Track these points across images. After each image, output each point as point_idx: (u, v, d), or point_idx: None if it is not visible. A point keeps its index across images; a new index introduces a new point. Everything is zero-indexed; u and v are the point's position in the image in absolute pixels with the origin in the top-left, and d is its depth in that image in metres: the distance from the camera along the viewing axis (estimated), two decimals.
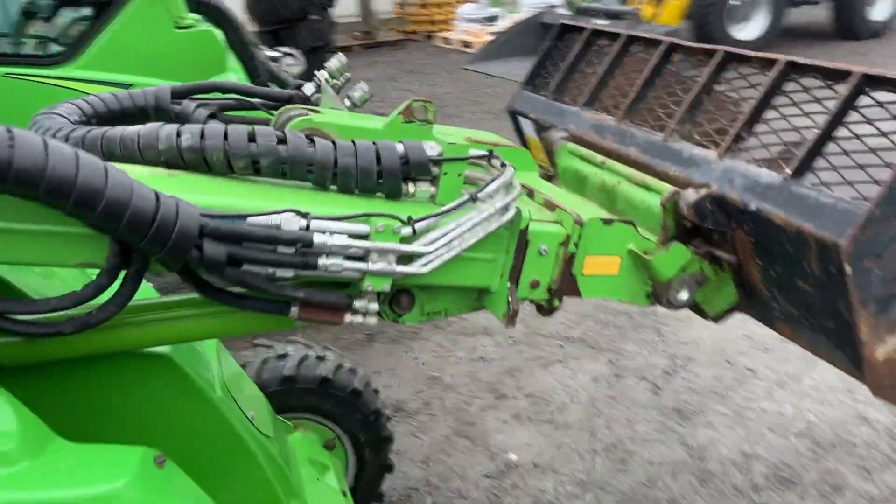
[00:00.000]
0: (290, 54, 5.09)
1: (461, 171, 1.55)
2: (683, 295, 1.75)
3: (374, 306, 1.47)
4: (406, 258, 1.45)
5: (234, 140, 1.42)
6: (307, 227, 1.35)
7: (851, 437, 3.12)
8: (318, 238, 1.34)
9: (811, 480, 2.90)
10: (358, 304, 1.45)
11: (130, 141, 1.44)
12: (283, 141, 1.45)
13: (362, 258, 1.40)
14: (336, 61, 2.29)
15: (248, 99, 2.00)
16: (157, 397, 1.63)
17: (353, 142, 1.52)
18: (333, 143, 1.50)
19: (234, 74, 3.89)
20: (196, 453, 1.71)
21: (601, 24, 10.61)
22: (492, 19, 13.79)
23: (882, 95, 1.59)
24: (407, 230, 1.43)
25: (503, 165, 1.57)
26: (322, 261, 1.35)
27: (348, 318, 1.46)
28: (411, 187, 1.53)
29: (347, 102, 2.65)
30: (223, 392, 1.75)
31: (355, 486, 2.52)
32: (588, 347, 3.92)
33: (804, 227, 1.51)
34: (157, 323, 1.46)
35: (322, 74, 2.39)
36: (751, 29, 10.98)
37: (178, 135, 1.42)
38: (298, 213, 1.35)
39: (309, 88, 2.07)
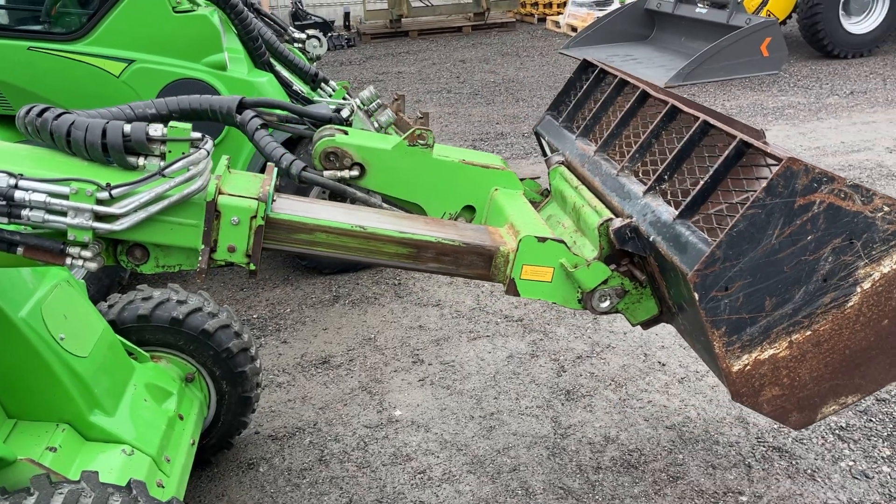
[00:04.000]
0: (315, 37, 5.55)
1: (185, 150, 1.89)
2: (604, 303, 2.13)
3: (88, 253, 1.83)
4: (110, 216, 1.82)
5: (31, 116, 1.88)
6: (16, 185, 1.75)
7: (718, 436, 3.18)
8: (19, 194, 1.74)
9: (653, 468, 3.01)
10: (72, 250, 1.84)
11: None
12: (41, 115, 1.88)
13: (65, 214, 1.79)
14: (367, 92, 2.82)
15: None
16: None
17: (94, 117, 1.91)
18: (74, 119, 1.89)
19: (229, 53, 4.39)
20: None
21: (702, 11, 10.32)
22: (603, 4, 13.63)
23: (753, 158, 1.92)
24: (103, 194, 1.80)
25: (201, 148, 1.89)
26: (25, 212, 1.76)
27: (69, 260, 1.85)
28: (141, 161, 1.90)
29: (375, 125, 3.25)
30: (31, 314, 2.21)
31: (218, 412, 2.96)
32: (521, 327, 4.13)
33: (674, 260, 1.86)
34: None
35: (355, 101, 2.97)
36: (867, 22, 10.24)
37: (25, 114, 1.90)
38: (10, 173, 1.76)
39: (345, 112, 2.54)
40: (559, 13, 14.37)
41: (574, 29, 12.99)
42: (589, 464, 3.06)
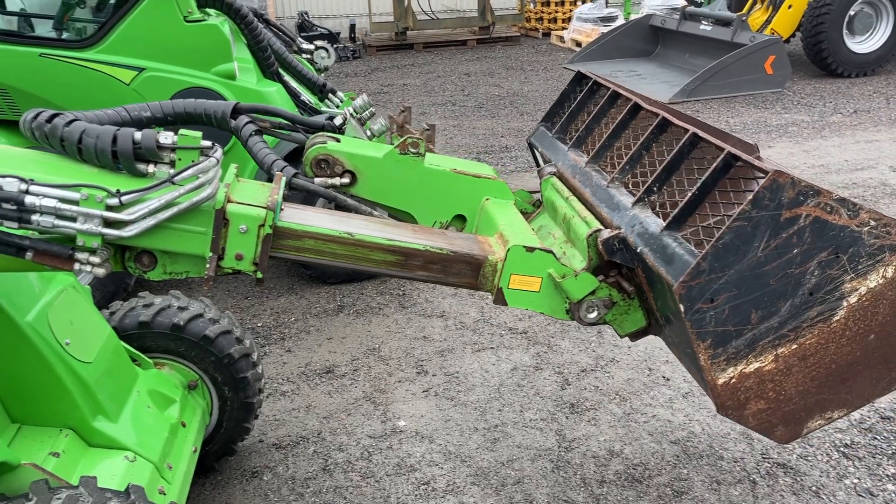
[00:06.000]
0: (323, 48, 5.58)
1: (195, 158, 1.89)
2: (592, 314, 2.13)
3: (96, 259, 1.83)
4: (119, 223, 1.82)
5: (39, 121, 1.89)
6: (27, 190, 1.75)
7: (723, 452, 3.16)
8: (29, 199, 1.74)
9: (657, 483, 3.00)
10: (80, 256, 1.83)
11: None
12: (50, 121, 1.89)
13: (75, 219, 1.79)
14: (360, 100, 2.84)
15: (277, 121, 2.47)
16: None
17: (91, 119, 1.92)
18: (86, 127, 1.89)
19: (238, 63, 4.41)
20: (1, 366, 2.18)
21: (707, 29, 10.37)
22: (608, 20, 13.69)
23: (742, 171, 1.91)
24: (113, 200, 1.80)
25: (211, 156, 1.89)
26: (35, 217, 1.75)
27: (77, 266, 1.85)
28: (151, 168, 1.90)
29: (368, 133, 3.30)
30: (37, 319, 2.21)
31: (220, 418, 2.95)
32: (525, 339, 4.12)
33: (660, 271, 1.86)
34: None
35: (349, 110, 2.96)
36: (870, 42, 10.29)
37: (32, 119, 1.91)
38: (21, 178, 1.76)
39: (338, 120, 2.54)
40: (564, 28, 14.43)
41: (578, 44, 13.06)
42: (593, 477, 3.05)
